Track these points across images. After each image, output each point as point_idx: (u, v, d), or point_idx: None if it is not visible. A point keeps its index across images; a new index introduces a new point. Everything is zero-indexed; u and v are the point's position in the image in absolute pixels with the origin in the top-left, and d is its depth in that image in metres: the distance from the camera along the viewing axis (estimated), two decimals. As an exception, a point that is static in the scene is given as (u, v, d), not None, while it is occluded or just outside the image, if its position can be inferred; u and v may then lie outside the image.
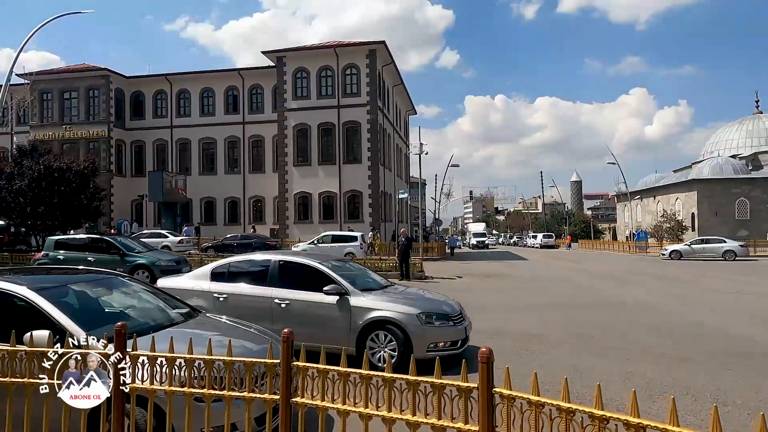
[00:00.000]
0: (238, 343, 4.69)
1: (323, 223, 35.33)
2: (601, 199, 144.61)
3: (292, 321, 6.43)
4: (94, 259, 15.25)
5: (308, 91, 37.16)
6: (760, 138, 53.95)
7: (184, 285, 7.50)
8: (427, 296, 7.42)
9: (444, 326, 6.59)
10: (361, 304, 6.58)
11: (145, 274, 14.74)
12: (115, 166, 41.19)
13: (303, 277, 7.08)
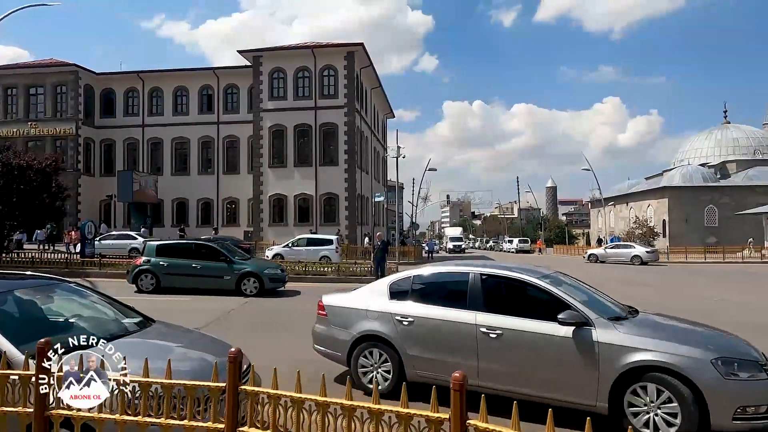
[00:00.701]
0: (197, 354, 4.31)
1: (298, 226, 34.75)
2: (575, 205, 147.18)
3: (507, 359, 4.95)
4: (200, 266, 14.20)
5: (285, 92, 36.59)
6: (728, 147, 55.46)
7: (354, 303, 6.05)
8: (713, 333, 5.17)
9: (754, 380, 4.34)
10: (614, 340, 4.58)
11: (254, 282, 13.97)
12: (83, 165, 39.84)
13: (518, 298, 5.40)
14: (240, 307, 12.26)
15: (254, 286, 13.94)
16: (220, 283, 13.99)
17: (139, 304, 5.29)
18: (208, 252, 14.81)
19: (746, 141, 55.39)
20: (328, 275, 18.68)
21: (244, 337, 7.26)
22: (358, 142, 37.48)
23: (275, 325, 10.15)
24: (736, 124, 58.74)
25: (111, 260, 19.46)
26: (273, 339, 8.48)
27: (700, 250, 35.89)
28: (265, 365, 4.02)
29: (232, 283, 13.95)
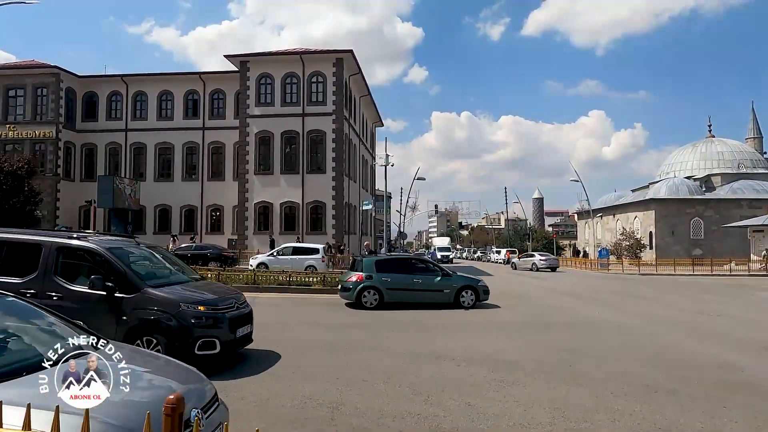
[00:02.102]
0: (161, 381, 3.72)
1: (284, 234, 34.00)
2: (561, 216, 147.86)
3: None
4: (420, 280, 14.52)
5: (272, 98, 35.98)
6: (712, 161, 55.97)
7: None
8: None
9: None
10: None
11: (471, 295, 14.40)
12: (63, 169, 38.69)
13: None
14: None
15: (471, 299, 14.37)
16: (439, 296, 14.34)
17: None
18: (425, 266, 15.58)
19: (730, 155, 55.97)
20: (314, 286, 18.04)
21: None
22: (346, 149, 36.95)
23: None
24: (721, 138, 59.41)
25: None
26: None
27: (688, 263, 35.85)
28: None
29: (451, 296, 14.32)
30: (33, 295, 6.30)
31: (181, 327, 6.53)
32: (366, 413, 5.42)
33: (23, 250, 7.06)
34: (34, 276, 6.67)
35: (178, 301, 6.69)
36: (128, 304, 6.52)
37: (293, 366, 7.40)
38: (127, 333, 6.41)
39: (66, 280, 6.68)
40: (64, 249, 6.91)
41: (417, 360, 7.95)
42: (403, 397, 6.04)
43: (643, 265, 38.10)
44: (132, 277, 6.74)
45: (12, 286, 6.35)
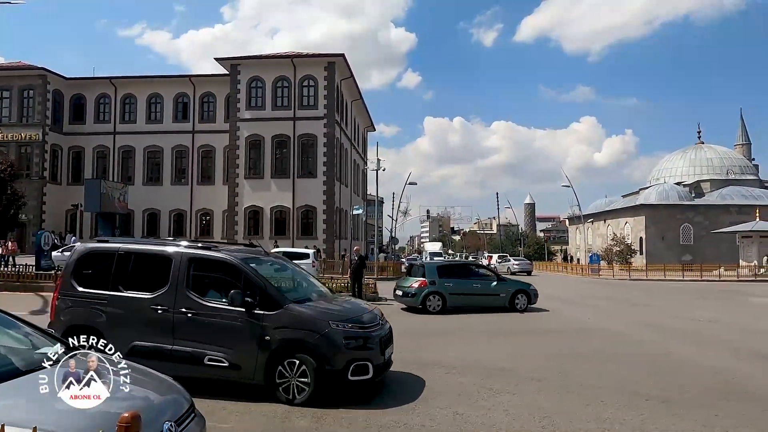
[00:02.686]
0: (140, 392, 3.54)
1: (274, 239, 33.72)
2: (553, 221, 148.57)
3: None
4: (479, 285, 15.05)
5: (263, 102, 35.78)
6: (702, 167, 56.45)
7: None
8: None
9: None
10: None
11: (524, 298, 14.83)
12: (49, 172, 38.20)
13: None
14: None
15: (524, 302, 14.78)
16: (496, 300, 14.77)
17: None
18: (482, 271, 16.21)
19: (719, 161, 56.49)
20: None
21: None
22: (338, 154, 36.80)
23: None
24: (710, 145, 59.96)
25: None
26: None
27: (678, 268, 35.94)
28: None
29: (506, 300, 14.76)
30: (164, 311, 5.96)
31: (333, 348, 5.72)
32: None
33: (151, 261, 6.49)
34: (165, 290, 6.05)
35: (327, 319, 5.90)
36: (270, 322, 5.78)
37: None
38: (271, 355, 5.72)
39: (198, 295, 6.05)
40: (195, 260, 6.23)
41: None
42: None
43: (634, 270, 38.18)
44: (273, 291, 6.04)
45: (142, 301, 6.06)
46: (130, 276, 6.28)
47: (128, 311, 6.10)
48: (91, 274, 6.47)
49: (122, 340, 5.74)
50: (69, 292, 6.40)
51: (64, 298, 6.40)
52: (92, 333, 5.69)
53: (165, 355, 5.82)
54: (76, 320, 6.21)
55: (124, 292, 6.18)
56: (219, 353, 5.75)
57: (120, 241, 7.13)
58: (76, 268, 6.53)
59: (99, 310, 6.20)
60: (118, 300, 6.18)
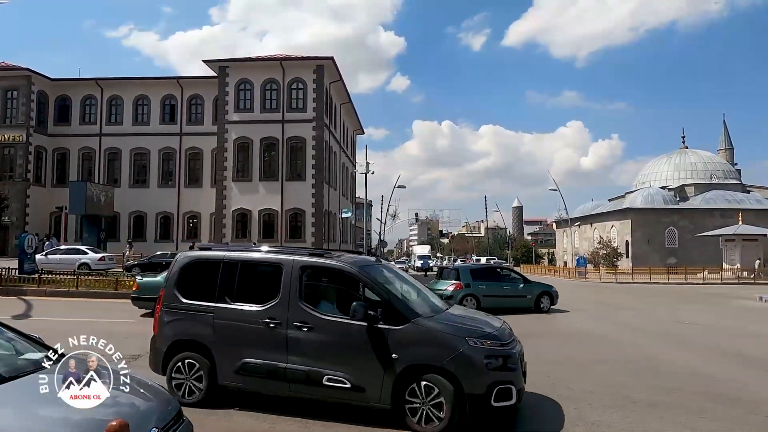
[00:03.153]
0: (126, 398, 3.51)
1: (263, 242, 33.49)
2: (540, 225, 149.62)
3: None
4: (509, 287, 15.72)
5: (251, 104, 35.61)
6: (686, 171, 57.24)
7: None
8: None
9: None
10: None
11: (547, 299, 15.67)
12: (33, 174, 37.62)
13: None
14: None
15: (548, 304, 15.64)
16: (523, 302, 15.54)
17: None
18: (509, 274, 17.02)
19: (703, 166, 57.33)
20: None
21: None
22: (327, 157, 36.74)
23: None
24: (694, 149, 60.85)
25: (56, 276, 17.94)
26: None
27: (664, 271, 36.41)
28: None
29: (532, 301, 15.59)
30: (277, 325, 5.47)
31: (472, 369, 5.04)
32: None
33: (260, 270, 6.09)
34: (276, 302, 5.55)
35: (463, 335, 5.22)
36: (397, 338, 5.16)
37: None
38: (399, 376, 5.09)
39: (312, 307, 5.54)
40: (308, 269, 5.75)
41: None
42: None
43: (620, 273, 38.61)
44: (399, 304, 5.43)
45: (252, 314, 5.62)
46: (238, 286, 5.83)
47: (237, 325, 5.68)
48: (196, 285, 6.04)
49: (232, 356, 5.59)
50: (173, 304, 6.00)
51: (167, 310, 6.03)
52: (199, 348, 5.79)
53: (278, 374, 5.43)
54: (182, 334, 5.90)
55: (231, 303, 5.74)
56: (339, 373, 5.23)
57: (223, 248, 6.73)
58: (179, 278, 6.12)
59: (206, 324, 5.78)
60: (225, 312, 5.73)
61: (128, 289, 17.38)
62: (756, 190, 57.28)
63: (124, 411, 3.16)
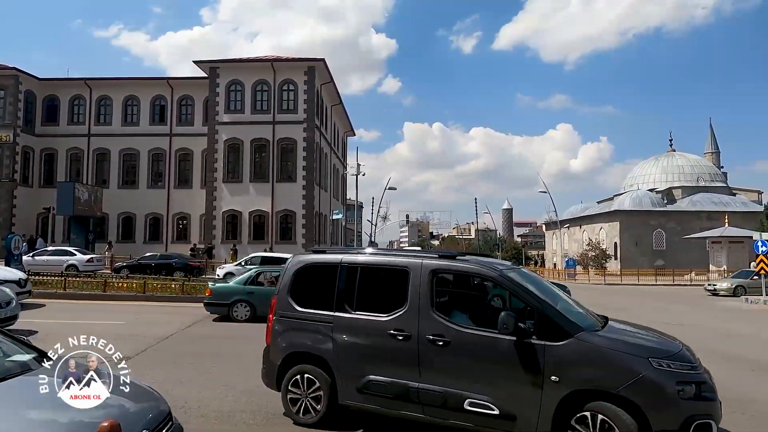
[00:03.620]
0: (114, 400, 3.49)
1: (253, 243, 33.41)
2: (530, 227, 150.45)
3: None
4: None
5: (242, 105, 35.48)
6: (673, 174, 57.93)
7: None
8: None
9: None
10: None
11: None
12: (20, 174, 37.13)
13: None
14: None
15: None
16: None
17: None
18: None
19: (690, 168, 58.06)
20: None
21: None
22: (318, 158, 36.69)
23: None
24: (681, 152, 61.59)
25: (43, 278, 17.76)
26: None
27: (651, 273, 36.83)
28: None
29: None
30: (406, 338, 4.80)
31: (662, 399, 4.07)
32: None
33: (384, 275, 5.39)
34: (404, 311, 4.90)
35: (645, 355, 4.28)
36: (556, 356, 4.33)
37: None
38: (561, 404, 4.26)
39: (447, 317, 4.84)
40: (440, 273, 5.05)
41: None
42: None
43: (609, 275, 38.98)
44: (557, 315, 4.56)
45: (377, 324, 5.00)
46: (359, 293, 5.21)
47: (360, 337, 5.09)
48: (311, 292, 5.50)
49: (354, 372, 5.05)
50: (287, 312, 5.48)
51: (281, 320, 5.53)
52: (317, 362, 5.27)
53: (410, 396, 4.76)
54: (298, 346, 5.38)
55: (352, 313, 5.15)
56: (484, 397, 4.49)
57: (339, 251, 6.09)
58: (293, 284, 5.58)
59: (324, 335, 5.22)
60: (345, 323, 5.14)
61: (116, 290, 17.31)
62: (741, 192, 58.16)
63: (113, 413, 3.14)
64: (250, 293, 13.17)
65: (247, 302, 13.04)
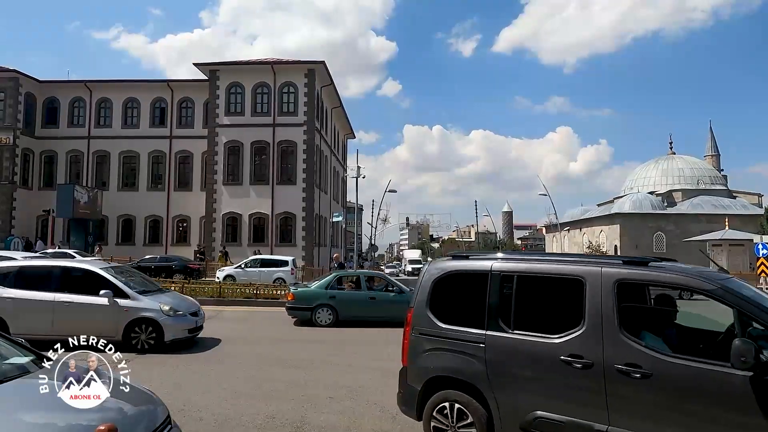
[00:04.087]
0: (113, 403, 3.46)
1: (253, 246, 33.38)
2: (530, 229, 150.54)
3: None
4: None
5: (242, 108, 35.52)
6: (673, 176, 57.97)
7: None
8: None
9: None
10: None
11: None
12: (20, 177, 37.15)
13: None
14: None
15: None
16: None
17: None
18: None
19: (690, 171, 58.10)
20: (281, 299, 17.63)
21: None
22: (318, 161, 36.71)
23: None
24: (681, 155, 61.65)
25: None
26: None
27: (651, 276, 36.74)
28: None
29: None
30: (586, 366, 3.89)
31: None
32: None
33: (548, 286, 4.53)
34: (581, 332, 4.01)
35: None
36: None
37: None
38: None
39: (639, 341, 3.87)
40: (626, 285, 4.10)
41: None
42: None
43: (609, 277, 38.90)
44: None
45: (545, 348, 4.11)
46: (517, 308, 4.35)
47: (522, 362, 4.23)
48: (456, 305, 4.76)
49: (516, 405, 4.21)
50: (426, 329, 4.72)
51: (420, 337, 4.77)
52: (467, 389, 4.43)
53: None
54: (442, 369, 4.58)
55: (509, 332, 4.31)
56: None
57: (487, 256, 4.91)
58: (432, 296, 4.80)
59: (475, 358, 4.39)
60: (502, 344, 4.31)
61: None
62: (742, 195, 58.14)
63: (111, 416, 3.13)
64: (332, 297, 13.17)
65: (329, 306, 13.01)
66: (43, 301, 9.10)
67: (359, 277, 14.52)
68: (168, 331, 9.15)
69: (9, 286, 9.24)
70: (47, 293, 9.16)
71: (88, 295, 9.14)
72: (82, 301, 9.10)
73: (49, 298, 9.10)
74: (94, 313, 9.04)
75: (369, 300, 13.39)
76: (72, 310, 9.01)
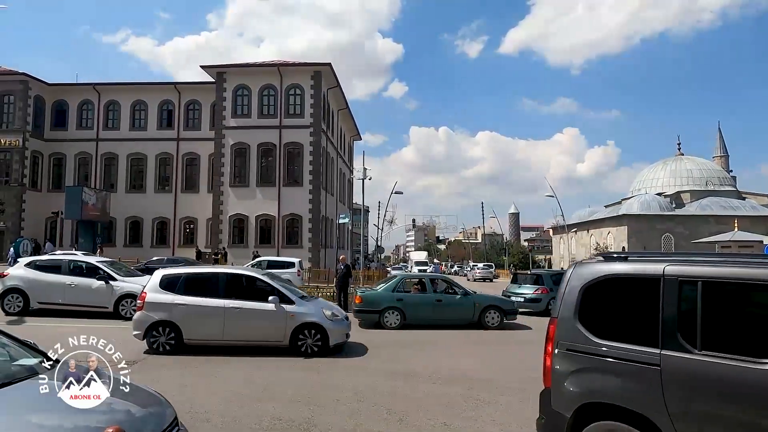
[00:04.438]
0: (121, 405, 3.47)
1: (259, 248, 33.43)
2: (537, 231, 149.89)
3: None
4: None
5: (249, 110, 35.64)
6: (681, 178, 57.58)
7: None
8: None
9: None
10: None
11: None
12: (29, 179, 37.49)
13: None
14: None
15: None
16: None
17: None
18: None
19: (699, 172, 57.68)
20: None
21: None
22: (324, 162, 36.75)
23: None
24: (689, 156, 61.24)
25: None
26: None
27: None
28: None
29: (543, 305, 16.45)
30: None
31: None
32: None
33: (746, 295, 3.48)
34: None
35: None
36: None
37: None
38: None
39: None
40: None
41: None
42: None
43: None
44: None
45: (755, 376, 3.10)
46: (704, 323, 3.36)
47: (720, 394, 3.24)
48: (616, 317, 3.87)
49: None
50: (576, 345, 3.85)
51: (567, 354, 3.91)
52: (637, 422, 3.49)
53: None
54: (600, 394, 3.70)
55: (695, 353, 3.33)
56: None
57: (655, 257, 3.97)
58: (582, 305, 3.91)
59: (645, 383, 3.48)
60: (687, 367, 3.35)
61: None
62: (751, 196, 57.65)
63: (118, 418, 3.14)
64: (400, 300, 13.16)
65: (397, 309, 13.01)
66: (214, 308, 9.11)
67: (423, 279, 14.59)
68: (332, 335, 9.24)
69: (179, 293, 9.25)
70: (217, 300, 9.18)
71: (255, 301, 9.21)
72: (250, 307, 9.14)
73: (220, 304, 9.11)
74: (262, 318, 9.11)
75: (436, 302, 13.36)
76: (242, 315, 9.07)
